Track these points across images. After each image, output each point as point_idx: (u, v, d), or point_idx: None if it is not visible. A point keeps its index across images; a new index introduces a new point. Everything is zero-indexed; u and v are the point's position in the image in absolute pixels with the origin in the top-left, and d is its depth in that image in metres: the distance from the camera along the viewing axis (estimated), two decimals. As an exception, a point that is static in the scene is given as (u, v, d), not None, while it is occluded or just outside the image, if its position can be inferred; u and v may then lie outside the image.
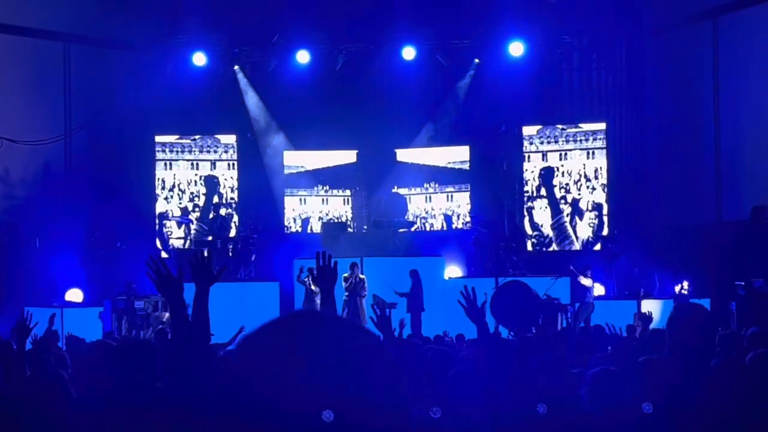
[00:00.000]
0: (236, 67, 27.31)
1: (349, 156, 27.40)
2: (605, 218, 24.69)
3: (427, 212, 26.46)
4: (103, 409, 5.08)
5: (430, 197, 26.63)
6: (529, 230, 25.77)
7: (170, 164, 26.36)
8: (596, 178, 23.83)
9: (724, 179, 24.35)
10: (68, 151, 26.05)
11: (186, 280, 5.10)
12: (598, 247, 25.25)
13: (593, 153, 23.58)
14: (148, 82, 26.11)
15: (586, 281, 22.30)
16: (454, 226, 26.52)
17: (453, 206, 26.51)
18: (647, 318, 19.27)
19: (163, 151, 26.60)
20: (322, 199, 27.30)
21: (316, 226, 27.18)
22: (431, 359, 8.35)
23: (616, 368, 7.12)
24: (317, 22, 26.12)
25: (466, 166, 26.53)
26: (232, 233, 26.46)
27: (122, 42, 26.37)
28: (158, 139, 26.89)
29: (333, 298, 5.72)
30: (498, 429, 5.72)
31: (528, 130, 25.98)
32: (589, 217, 24.06)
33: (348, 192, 27.22)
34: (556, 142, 24.36)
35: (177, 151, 26.53)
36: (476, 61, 26.98)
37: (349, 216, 27.28)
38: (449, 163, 26.46)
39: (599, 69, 26.88)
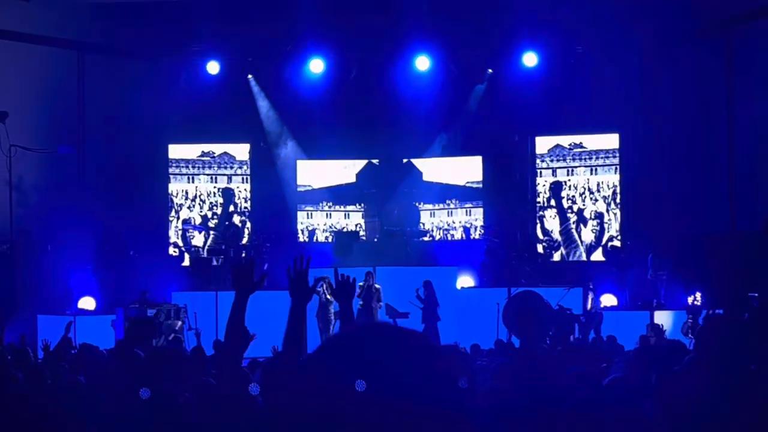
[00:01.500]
0: (250, 76, 27.37)
1: (353, 173, 27.56)
2: (606, 225, 25.83)
3: (448, 225, 26.96)
4: (125, 417, 5.08)
5: (451, 212, 26.96)
6: (540, 235, 26.13)
7: (192, 178, 26.88)
8: (598, 190, 25.50)
9: (738, 189, 24.33)
10: (81, 159, 26.12)
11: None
12: (599, 251, 25.79)
13: (596, 169, 25.33)
14: (162, 91, 26.20)
15: (589, 301, 22.54)
16: (472, 237, 26.69)
17: (471, 219, 26.92)
18: (660, 330, 19.33)
19: (186, 166, 27.01)
20: (326, 214, 27.51)
21: (321, 237, 27.36)
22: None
23: (629, 378, 7.11)
24: (331, 32, 26.15)
25: (481, 186, 26.75)
26: (245, 242, 26.56)
27: (136, 50, 26.44)
28: (180, 155, 27.14)
29: (352, 312, 5.87)
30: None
31: (540, 149, 26.40)
32: (592, 224, 25.59)
33: (351, 207, 27.43)
34: (564, 159, 25.80)
35: (198, 167, 27.07)
36: (489, 71, 27.01)
37: (353, 227, 27.46)
38: (468, 183, 26.99)
39: (612, 79, 26.85)
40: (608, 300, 23.52)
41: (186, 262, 26.42)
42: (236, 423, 4.84)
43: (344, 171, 27.72)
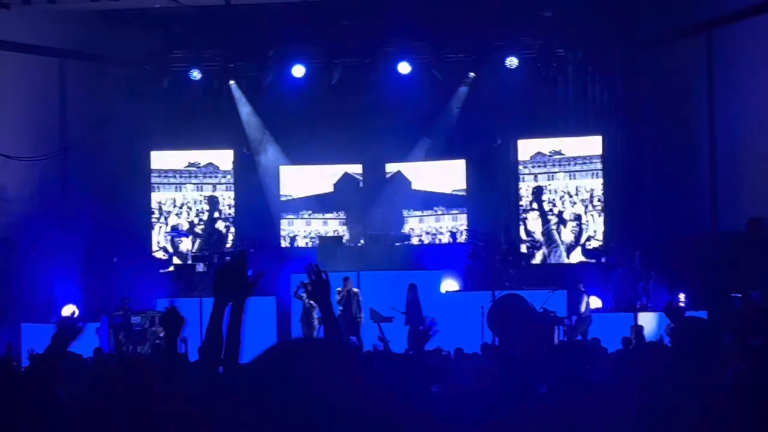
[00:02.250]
0: (232, 82, 27.33)
1: (332, 183, 27.62)
2: (584, 226, 26.36)
3: (436, 230, 27.42)
4: (98, 426, 5.06)
5: (439, 218, 27.39)
6: (523, 236, 26.49)
7: (180, 187, 27.30)
8: (577, 194, 26.28)
9: (720, 191, 24.39)
10: (64, 167, 26.04)
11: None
12: (578, 251, 26.15)
13: (575, 174, 26.11)
14: (144, 97, 26.13)
15: (585, 303, 22.48)
16: (458, 241, 26.82)
17: (457, 225, 27.34)
18: (641, 331, 19.41)
19: (174, 176, 27.35)
20: (306, 221, 27.63)
21: (301, 243, 27.43)
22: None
23: (610, 380, 7.14)
24: (313, 37, 26.16)
25: (465, 192, 27.02)
26: (229, 247, 26.55)
27: (118, 57, 26.37)
28: (168, 165, 27.31)
29: (332, 312, 5.56)
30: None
31: (521, 155, 26.64)
32: (571, 225, 26.27)
33: (329, 215, 27.54)
34: (545, 166, 26.49)
35: (185, 176, 27.38)
36: (471, 74, 27.01)
37: (336, 233, 27.56)
38: (454, 190, 27.31)
39: (594, 82, 26.96)
40: (593, 302, 23.54)
41: (172, 268, 26.45)
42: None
43: (323, 183, 27.79)
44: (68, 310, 23.77)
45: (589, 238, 26.19)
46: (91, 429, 5.06)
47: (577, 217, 26.27)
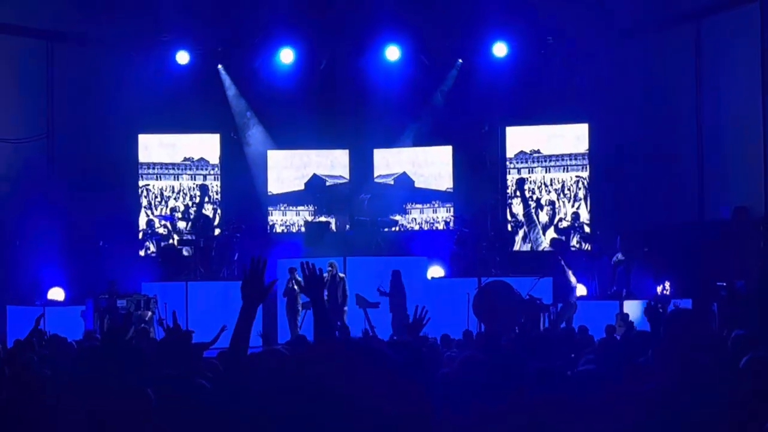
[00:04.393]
0: (220, 66, 27.27)
1: (302, 181, 27.88)
2: (556, 210, 27.41)
3: (434, 219, 27.97)
4: (85, 411, 5.05)
5: (436, 209, 27.84)
6: (508, 217, 27.19)
7: (178, 176, 27.71)
8: (551, 184, 27.50)
9: (707, 180, 24.46)
10: (51, 150, 25.97)
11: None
12: (551, 230, 27.13)
13: (549, 169, 27.40)
14: (132, 81, 26.03)
15: (573, 278, 22.38)
16: (451, 228, 27.07)
17: (449, 216, 27.85)
18: (629, 320, 19.42)
19: (173, 168, 27.61)
20: (282, 212, 27.77)
21: (279, 230, 27.69)
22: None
23: (595, 369, 7.15)
24: (301, 21, 26.10)
25: (452, 186, 27.69)
26: (216, 232, 26.53)
27: (105, 40, 26.26)
28: (168, 159, 27.54)
29: (324, 305, 5.78)
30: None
31: (508, 153, 27.37)
32: (546, 209, 27.43)
33: (301, 207, 27.99)
34: (526, 162, 27.53)
35: (182, 168, 27.69)
36: (459, 61, 27.02)
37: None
38: (448, 188, 27.69)
39: (582, 70, 26.93)
40: (579, 289, 23.57)
41: (146, 251, 26.59)
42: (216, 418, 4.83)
43: (308, 170, 27.90)
44: (55, 293, 23.78)
45: (560, 220, 27.19)
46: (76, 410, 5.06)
47: (551, 203, 27.33)
